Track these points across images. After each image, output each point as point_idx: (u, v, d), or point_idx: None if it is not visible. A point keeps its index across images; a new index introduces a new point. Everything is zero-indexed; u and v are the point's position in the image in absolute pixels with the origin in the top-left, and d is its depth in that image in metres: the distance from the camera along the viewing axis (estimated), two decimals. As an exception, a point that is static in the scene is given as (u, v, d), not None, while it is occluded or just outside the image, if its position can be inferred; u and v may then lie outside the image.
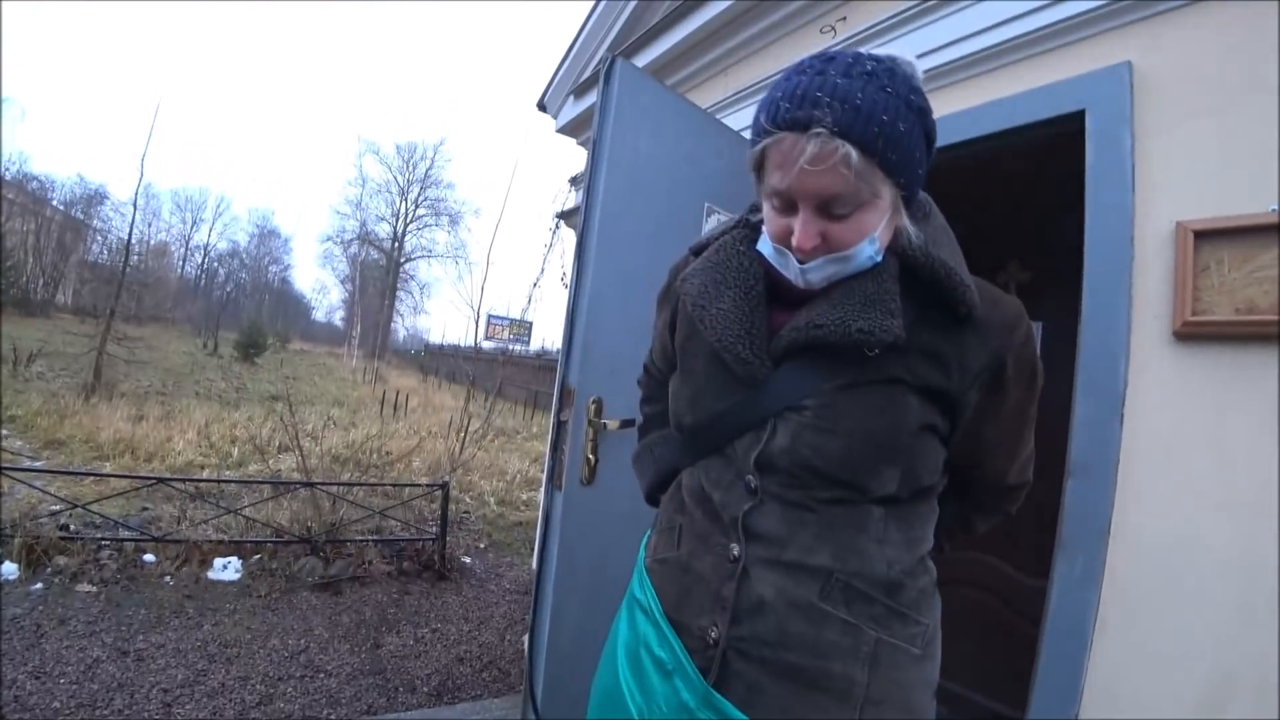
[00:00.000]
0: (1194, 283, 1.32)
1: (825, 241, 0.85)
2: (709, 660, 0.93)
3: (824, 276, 0.89)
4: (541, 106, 4.54)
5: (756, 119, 0.85)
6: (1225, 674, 1.21)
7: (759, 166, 0.88)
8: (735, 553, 0.93)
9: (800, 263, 0.88)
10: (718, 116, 2.70)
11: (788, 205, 0.86)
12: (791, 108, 0.79)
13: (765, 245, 0.93)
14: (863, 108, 0.77)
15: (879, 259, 0.89)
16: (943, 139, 1.92)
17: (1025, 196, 2.82)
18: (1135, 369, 1.41)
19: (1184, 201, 1.38)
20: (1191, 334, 1.32)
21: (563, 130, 4.43)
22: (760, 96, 0.94)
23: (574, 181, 4.80)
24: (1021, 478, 1.06)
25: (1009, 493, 1.08)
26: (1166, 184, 1.41)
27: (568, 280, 4.83)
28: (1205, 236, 1.32)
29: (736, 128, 2.48)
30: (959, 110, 1.87)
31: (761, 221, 0.95)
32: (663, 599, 1.01)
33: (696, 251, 1.10)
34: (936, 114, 0.89)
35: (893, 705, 0.89)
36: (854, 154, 0.77)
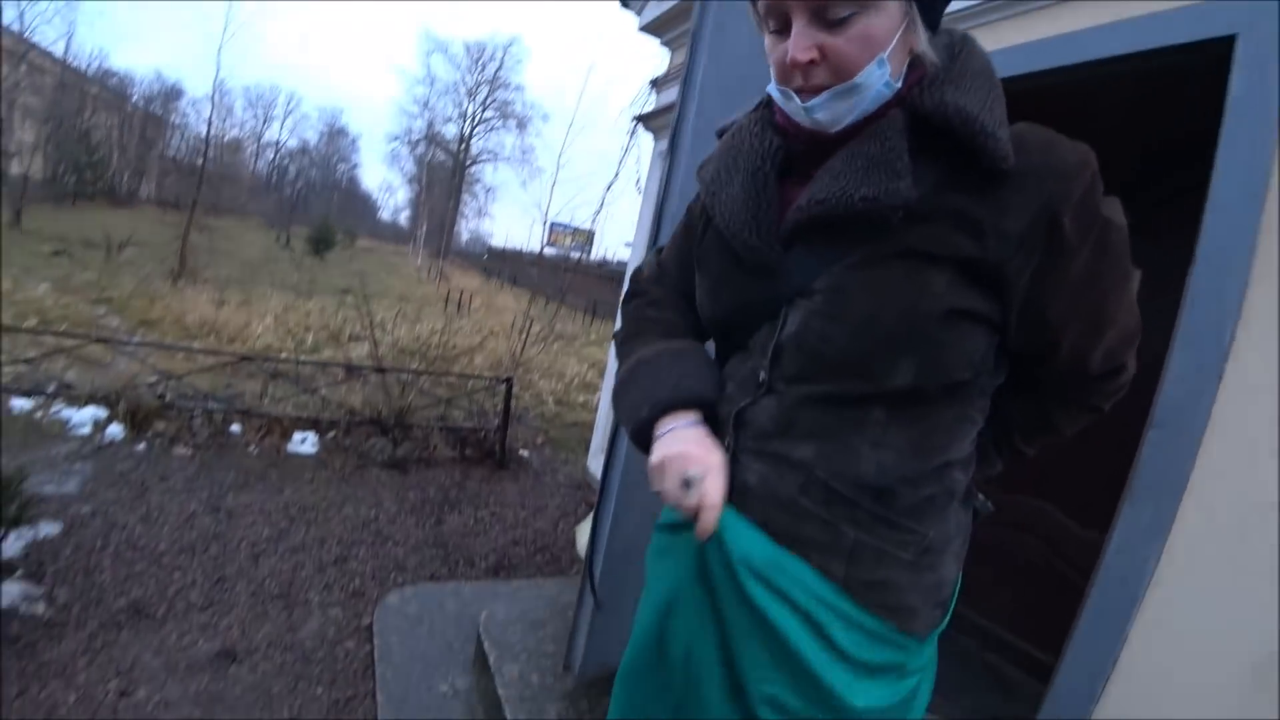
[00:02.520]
0: None
1: (826, 59, 0.74)
2: None
3: (833, 115, 0.78)
4: (624, 2, 4.34)
5: None
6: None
7: None
8: (727, 442, 0.90)
9: (804, 101, 0.78)
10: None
11: (782, 22, 0.76)
12: None
13: (773, 89, 0.82)
14: None
15: (895, 86, 0.77)
16: (1055, 59, 1.74)
17: (1139, 130, 2.57)
18: (1245, 327, 1.30)
19: None
20: None
21: (646, 28, 4.24)
22: None
23: (655, 83, 4.62)
24: (1111, 363, 0.88)
25: (1094, 383, 0.90)
26: None
27: (642, 186, 4.73)
28: None
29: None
30: (1081, 29, 1.68)
31: None
32: None
33: (720, 135, 1.00)
34: (1052, 31, 0.78)
35: (875, 599, 0.84)
36: None
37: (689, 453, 0.86)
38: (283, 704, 2.08)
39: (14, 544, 2.57)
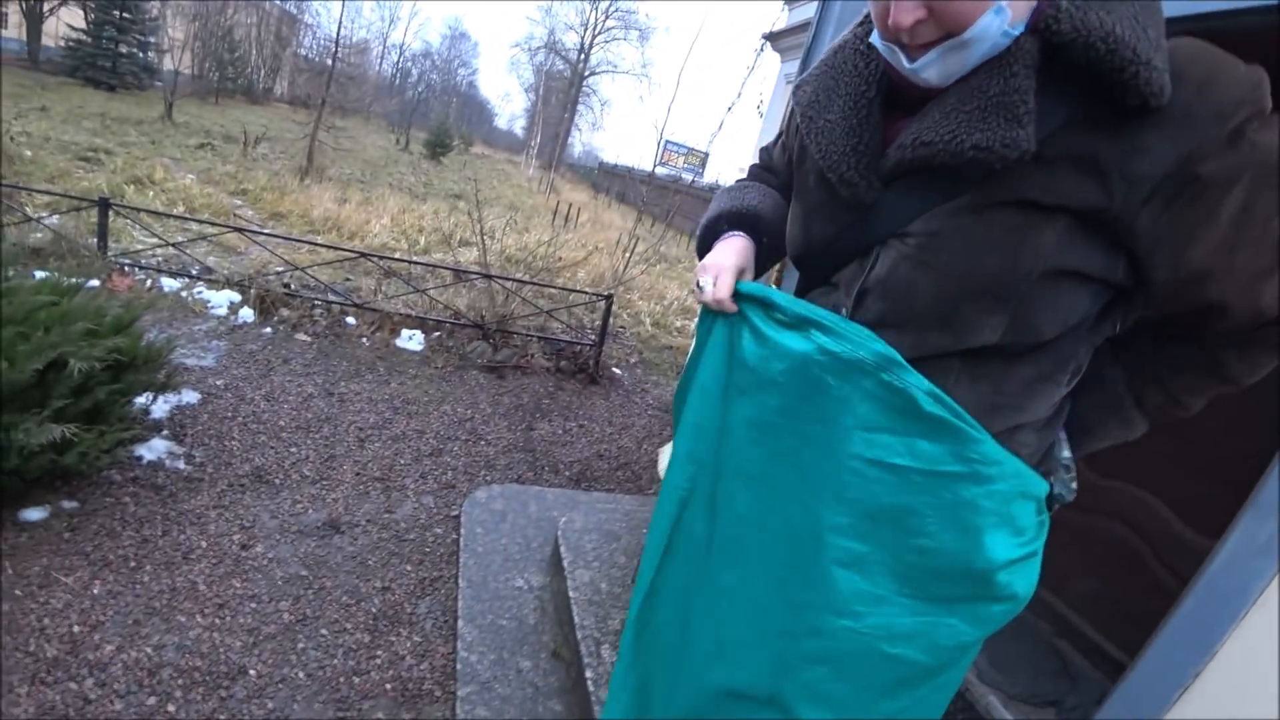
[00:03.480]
0: None
1: (933, 16, 0.65)
2: None
3: (943, 73, 0.70)
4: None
5: None
6: None
7: None
8: None
9: (909, 59, 0.69)
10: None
11: None
12: None
13: (877, 39, 0.74)
14: None
15: (1014, 33, 0.67)
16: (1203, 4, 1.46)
17: None
18: None
19: None
20: None
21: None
22: None
23: (788, 0, 4.33)
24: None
25: (1265, 327, 0.75)
26: None
27: (764, 110, 4.50)
28: None
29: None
30: None
31: None
32: None
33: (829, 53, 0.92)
34: None
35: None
36: None
37: (709, 262, 0.92)
38: (376, 575, 2.28)
39: (162, 407, 2.89)
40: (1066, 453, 0.86)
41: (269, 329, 4.20)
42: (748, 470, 0.86)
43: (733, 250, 0.93)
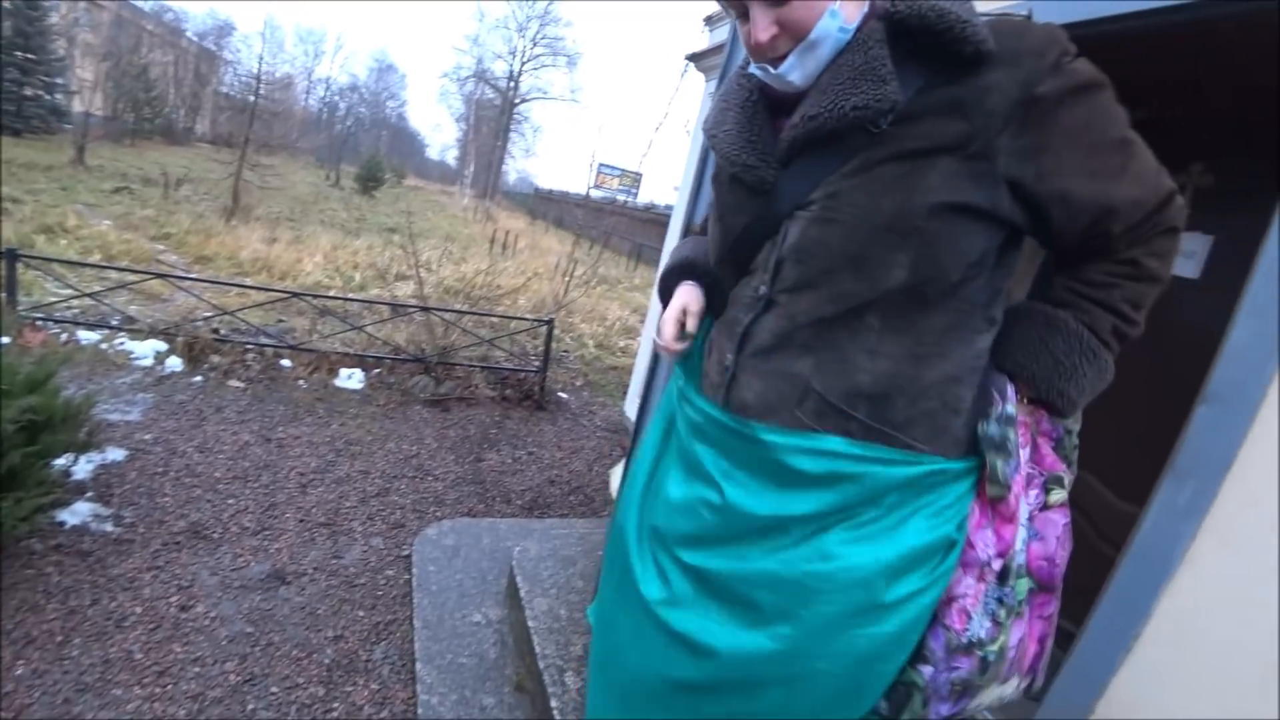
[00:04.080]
0: None
1: (784, 30, 0.82)
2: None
3: (804, 74, 0.85)
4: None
5: None
6: None
7: None
8: (729, 360, 0.96)
9: (775, 68, 0.85)
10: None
11: (741, 9, 0.84)
12: None
13: (752, 66, 0.91)
14: None
15: (850, 29, 0.83)
16: (1129, 3, 1.60)
17: (1225, 86, 2.34)
18: None
19: None
20: None
21: (703, -38, 4.06)
22: None
23: (709, 21, 4.45)
24: (1159, 192, 0.83)
25: (1157, 215, 0.83)
26: None
27: (691, 128, 4.60)
28: None
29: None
30: None
31: None
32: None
33: None
34: None
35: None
36: None
37: (663, 316, 1.09)
38: (327, 624, 2.21)
39: (84, 467, 2.75)
40: (1010, 409, 0.89)
41: (199, 377, 4.04)
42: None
43: (676, 298, 1.10)
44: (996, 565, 0.90)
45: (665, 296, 1.15)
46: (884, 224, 0.81)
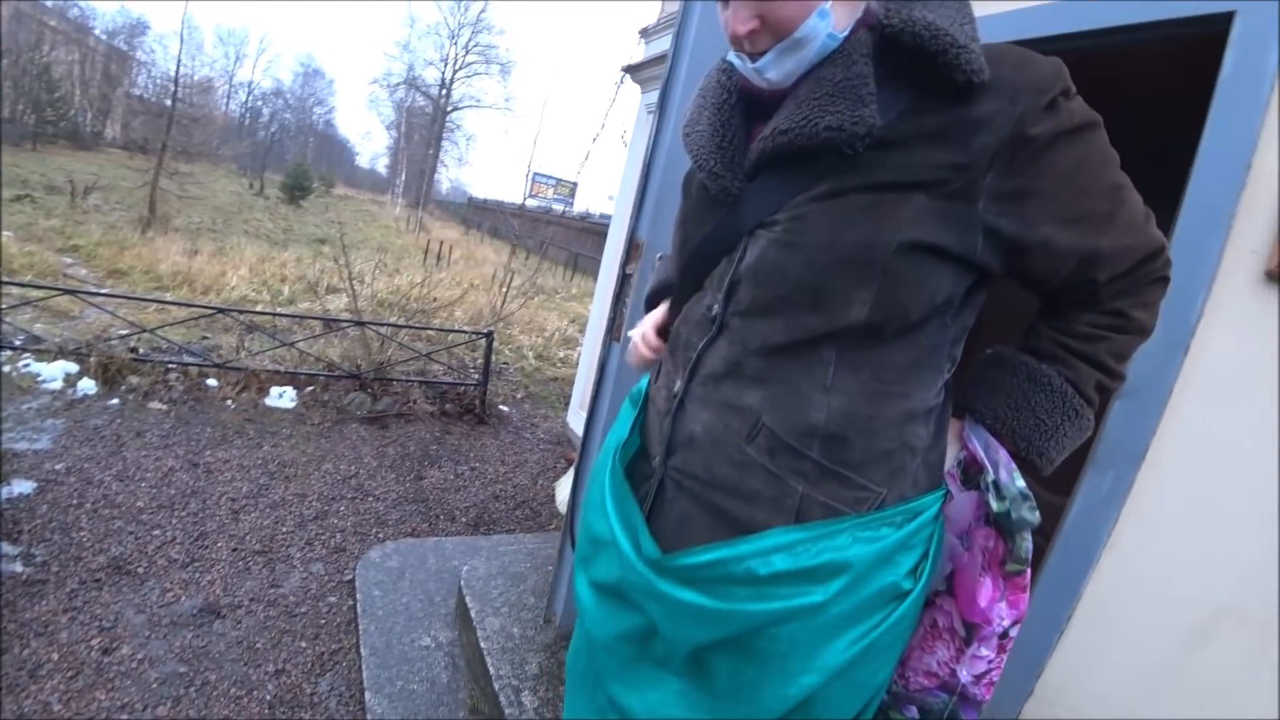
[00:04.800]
0: None
1: (765, 24, 0.75)
2: (648, 489, 0.95)
3: (783, 72, 0.78)
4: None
5: None
6: (1220, 607, 1.23)
7: None
8: (676, 388, 0.91)
9: (752, 61, 0.79)
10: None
11: None
12: None
13: (731, 55, 0.85)
14: None
15: (840, 36, 0.76)
16: (1055, 28, 1.72)
17: (1129, 105, 2.52)
18: (1213, 302, 1.33)
19: None
20: None
21: (639, -24, 4.10)
22: None
23: (644, 33, 4.49)
24: (1150, 242, 0.79)
25: (1148, 264, 0.80)
26: None
27: (628, 139, 4.64)
28: None
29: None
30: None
31: None
32: (643, 431, 1.03)
33: None
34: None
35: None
36: None
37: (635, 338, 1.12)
38: (267, 658, 2.11)
39: (-12, 501, 2.56)
40: (1020, 483, 0.85)
41: (116, 400, 3.82)
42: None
43: (647, 321, 1.12)
44: (1014, 632, 0.87)
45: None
46: (847, 257, 0.75)
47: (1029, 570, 0.86)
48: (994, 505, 0.84)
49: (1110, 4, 1.55)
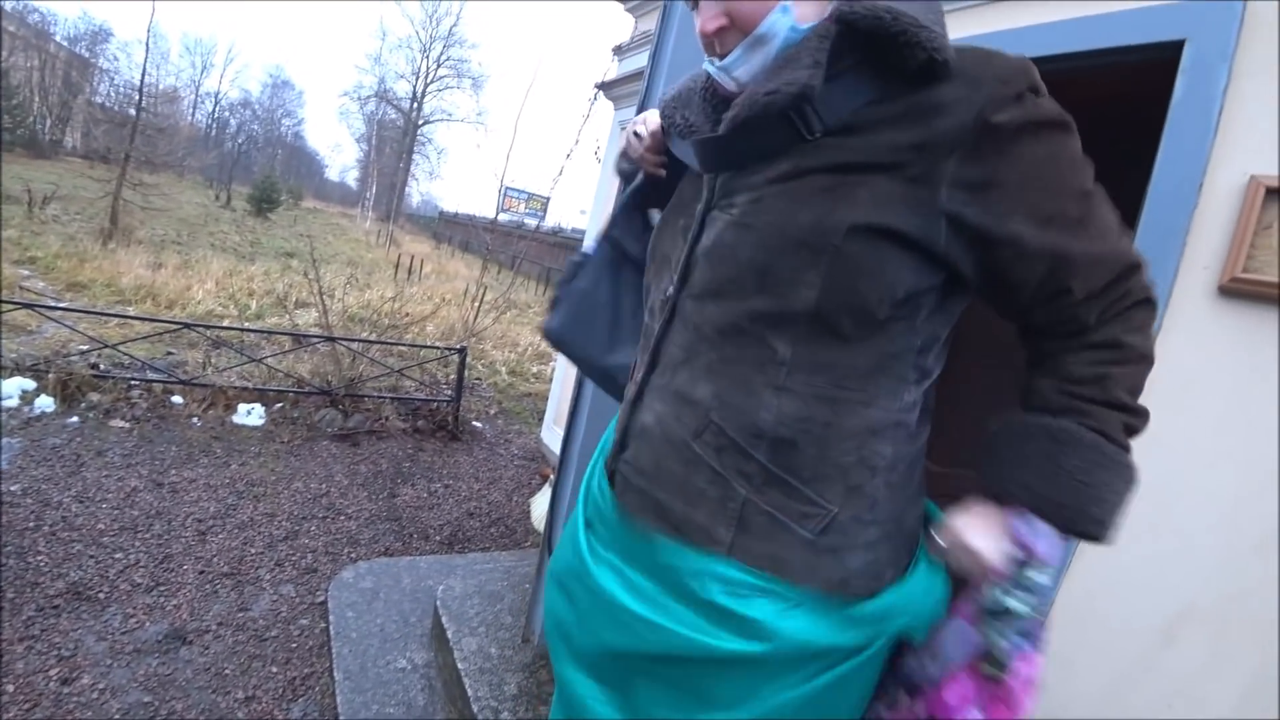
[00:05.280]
0: (1252, 240, 1.28)
1: (733, 23, 0.76)
2: (610, 482, 0.95)
3: (749, 70, 0.78)
4: (590, -34, 4.21)
5: None
6: (1188, 605, 1.28)
7: None
8: (639, 376, 0.90)
9: (720, 61, 0.79)
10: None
11: None
12: None
13: (705, 62, 0.84)
14: None
15: (802, 29, 0.75)
16: (1019, 52, 1.81)
17: (1087, 126, 2.64)
18: (1171, 316, 1.39)
19: (1263, 154, 1.30)
20: (1237, 290, 1.29)
21: (614, -7, 4.14)
22: None
23: (618, 51, 4.52)
24: (1123, 255, 0.75)
25: (1126, 281, 0.76)
26: (1250, 133, 1.33)
27: (601, 154, 4.65)
28: (1277, 194, 1.26)
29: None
30: (1039, 23, 1.71)
31: None
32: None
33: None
34: (1016, 23, 0.78)
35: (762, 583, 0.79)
36: None
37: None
38: (236, 685, 2.06)
39: (-61, 524, 2.46)
40: (1044, 579, 0.75)
41: (75, 418, 3.70)
42: None
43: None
44: None
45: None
46: (798, 237, 0.73)
47: (1013, 685, 0.75)
48: (1010, 604, 0.74)
49: (1067, 30, 1.62)
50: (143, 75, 14.54)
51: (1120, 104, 1.86)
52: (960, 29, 1.82)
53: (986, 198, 0.71)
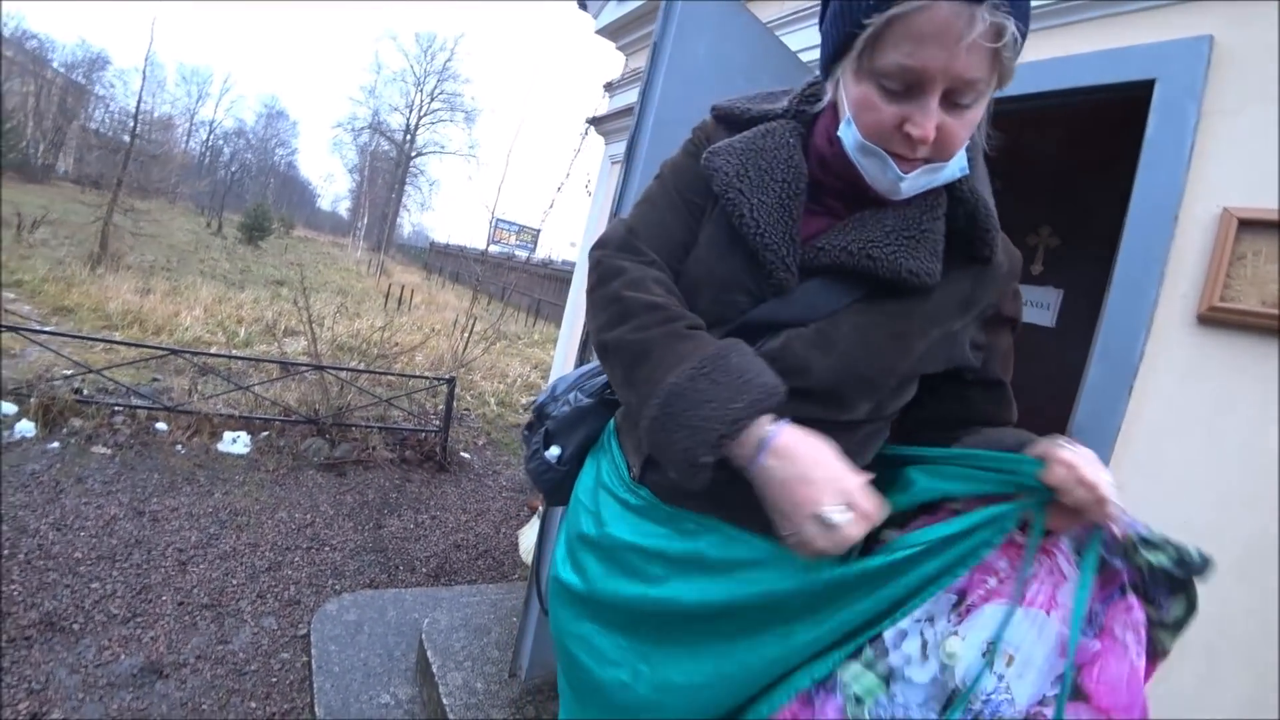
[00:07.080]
0: (1227, 270, 1.33)
1: (939, 138, 0.72)
2: None
3: (913, 190, 0.78)
4: (582, 5, 4.32)
5: None
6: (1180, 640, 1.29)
7: (863, 41, 0.70)
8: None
9: (902, 171, 0.74)
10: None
11: (910, 89, 0.70)
12: None
13: (849, 136, 0.76)
14: None
15: (965, 171, 0.79)
16: (999, 91, 1.89)
17: (1067, 161, 2.72)
18: (1153, 344, 1.43)
19: (1235, 187, 1.36)
20: (1215, 319, 1.34)
21: (602, 32, 4.22)
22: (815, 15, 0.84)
23: (609, 87, 4.61)
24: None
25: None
26: (1221, 167, 1.38)
27: (592, 187, 4.72)
28: (1249, 226, 1.31)
29: (793, 48, 2.37)
30: (1017, 64, 1.78)
31: (820, 113, 0.86)
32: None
33: (725, 120, 0.94)
34: None
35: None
36: (1019, 37, 0.68)
37: (814, 477, 0.72)
38: (212, 720, 2.00)
39: (-89, 551, 2.40)
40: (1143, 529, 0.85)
41: (56, 443, 3.64)
42: None
43: (824, 449, 0.75)
44: None
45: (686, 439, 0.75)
46: (867, 376, 0.83)
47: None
48: (1150, 558, 0.80)
49: (1042, 71, 1.68)
50: (138, 103, 14.59)
51: (1097, 126, 1.92)
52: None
53: (990, 356, 0.94)
